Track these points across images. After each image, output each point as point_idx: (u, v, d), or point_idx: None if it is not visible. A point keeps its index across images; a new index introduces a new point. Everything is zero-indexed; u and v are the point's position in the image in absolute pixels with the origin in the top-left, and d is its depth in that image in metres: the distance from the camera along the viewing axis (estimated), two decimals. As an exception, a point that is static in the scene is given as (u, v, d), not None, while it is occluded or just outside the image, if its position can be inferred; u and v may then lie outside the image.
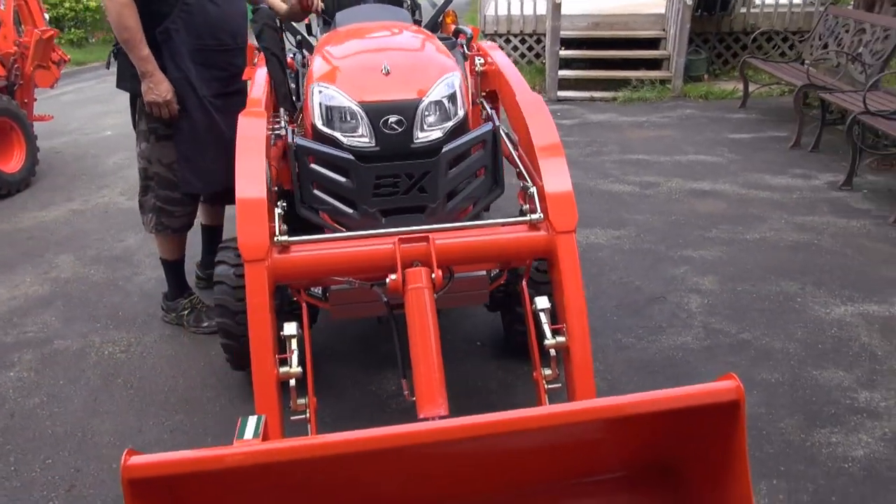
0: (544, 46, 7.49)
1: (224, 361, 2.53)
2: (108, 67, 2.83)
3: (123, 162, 5.42)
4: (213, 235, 3.16)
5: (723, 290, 3.13)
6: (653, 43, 7.57)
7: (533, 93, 2.25)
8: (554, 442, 1.62)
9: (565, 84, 7.16)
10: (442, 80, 2.12)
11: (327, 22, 3.28)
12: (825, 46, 5.85)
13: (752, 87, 6.52)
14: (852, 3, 6.67)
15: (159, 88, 2.51)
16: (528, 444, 1.59)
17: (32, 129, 4.94)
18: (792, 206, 4.07)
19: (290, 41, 3.14)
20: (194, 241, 3.13)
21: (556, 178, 1.95)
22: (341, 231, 2.04)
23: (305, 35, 3.19)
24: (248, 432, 1.52)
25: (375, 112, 2.02)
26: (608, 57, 7.46)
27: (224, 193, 2.72)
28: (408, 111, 2.03)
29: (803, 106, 5.29)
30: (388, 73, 2.11)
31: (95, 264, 3.59)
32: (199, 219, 3.02)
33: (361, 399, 2.44)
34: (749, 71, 6.49)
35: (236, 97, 2.66)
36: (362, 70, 2.18)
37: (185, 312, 2.91)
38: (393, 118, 2.02)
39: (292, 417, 1.87)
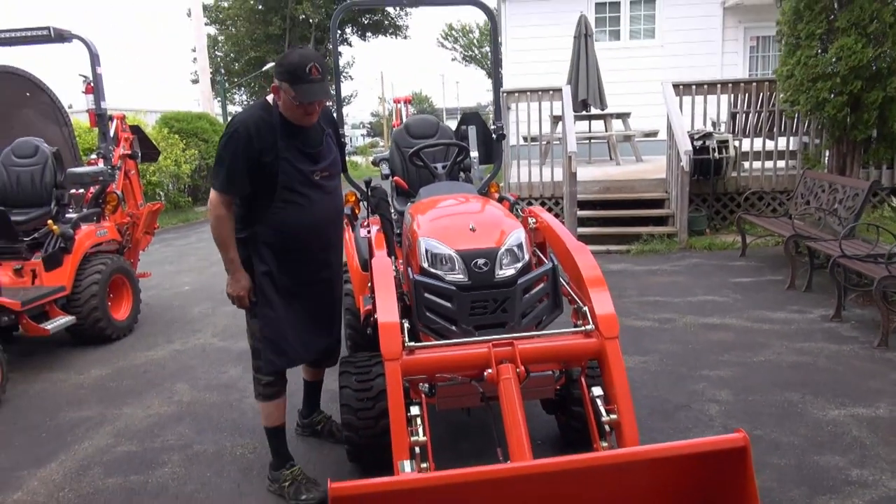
0: (562, 208, 8.56)
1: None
2: None
3: (207, 311, 6.27)
4: (313, 388, 3.51)
5: (737, 399, 3.78)
6: (657, 203, 8.65)
7: (577, 241, 3.09)
8: (594, 489, 2.23)
9: (583, 239, 8.00)
10: (512, 234, 2.96)
11: (402, 193, 4.26)
12: (807, 203, 6.83)
13: (749, 239, 7.45)
14: (826, 166, 7.79)
15: (237, 285, 2.87)
16: (572, 492, 2.19)
17: (138, 285, 5.85)
18: (791, 335, 4.77)
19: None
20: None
21: (602, 300, 2.72)
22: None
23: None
24: (407, 468, 2.21)
25: (468, 257, 2.84)
26: (619, 216, 8.51)
27: (320, 359, 3.23)
28: (490, 255, 2.85)
29: (794, 253, 6.14)
30: (474, 230, 2.96)
31: (208, 390, 4.30)
32: (302, 374, 3.45)
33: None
34: (745, 225, 7.44)
35: (320, 285, 3.05)
36: (456, 228, 3.03)
37: (287, 484, 2.98)
38: (481, 260, 2.84)
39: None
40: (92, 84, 5.56)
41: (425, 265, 2.91)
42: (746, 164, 8.66)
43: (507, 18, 13.13)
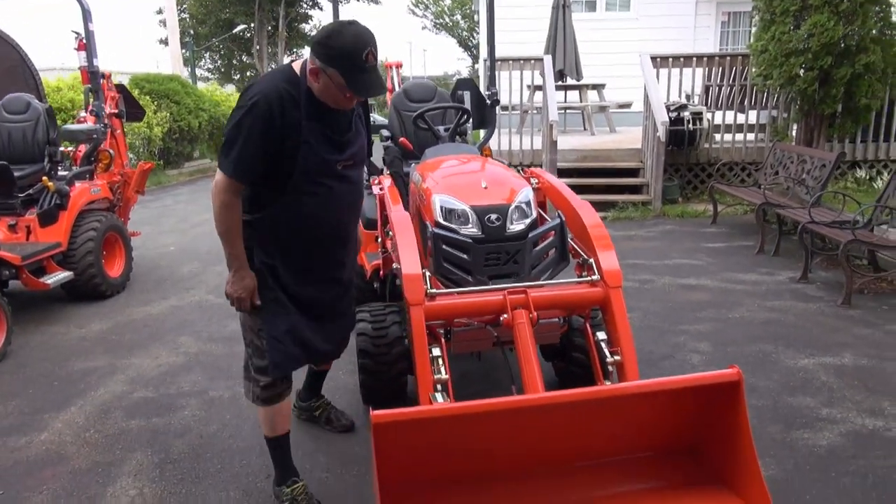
0: (542, 175, 8.77)
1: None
2: None
3: (196, 270, 6.36)
4: (317, 376, 3.24)
5: (716, 350, 4.08)
6: (633, 172, 8.94)
7: (580, 198, 3.31)
8: (601, 420, 2.46)
9: (562, 206, 8.37)
10: (521, 192, 3.16)
11: (405, 155, 4.41)
12: (776, 174, 7.19)
13: (720, 207, 7.80)
14: (794, 139, 8.15)
15: (240, 284, 2.43)
16: (583, 422, 2.43)
17: (130, 243, 5.90)
18: (762, 295, 5.11)
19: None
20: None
21: (606, 251, 2.95)
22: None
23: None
24: (439, 399, 2.42)
25: (481, 212, 3.03)
26: (596, 184, 8.77)
27: (328, 354, 2.83)
28: (502, 211, 3.05)
29: (763, 220, 6.49)
30: (486, 188, 3.15)
31: (213, 342, 4.44)
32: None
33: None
34: (717, 194, 7.78)
35: (332, 285, 2.67)
36: (468, 185, 3.21)
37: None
38: (493, 215, 3.03)
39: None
40: (84, 41, 5.53)
41: (440, 219, 3.09)
42: (718, 136, 8.99)
43: (485, -14, 13.14)
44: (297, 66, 2.38)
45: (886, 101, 8.12)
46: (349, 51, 2.20)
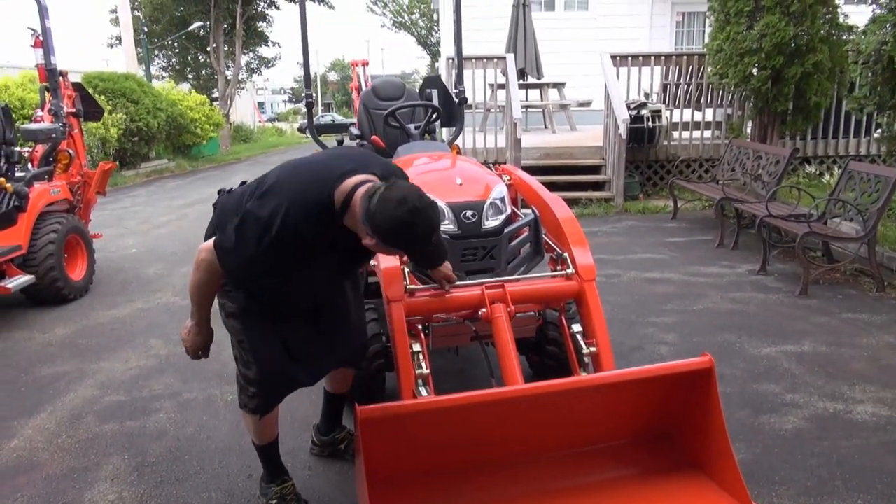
0: (506, 173, 8.86)
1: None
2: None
3: (161, 272, 6.26)
4: (335, 401, 2.96)
5: (683, 341, 4.21)
6: (595, 169, 9.10)
7: (551, 193, 3.38)
8: (580, 409, 2.53)
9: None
10: (496, 188, 3.22)
11: (378, 153, 4.41)
12: (733, 170, 7.41)
13: (680, 203, 8.00)
14: (749, 136, 8.41)
15: (195, 339, 2.42)
16: (563, 412, 2.50)
17: (92, 245, 5.78)
18: (724, 287, 5.27)
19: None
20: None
21: (580, 245, 3.02)
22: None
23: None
24: (423, 393, 2.46)
25: (457, 208, 3.07)
26: (560, 181, 8.89)
27: (348, 360, 2.68)
28: (478, 207, 3.10)
29: (722, 215, 6.69)
30: (461, 184, 3.19)
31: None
32: (323, 384, 2.89)
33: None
34: (677, 190, 7.97)
35: (302, 317, 2.43)
36: (443, 182, 3.25)
37: (274, 502, 2.58)
38: (469, 212, 3.08)
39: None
40: (41, 38, 5.38)
41: (416, 216, 3.13)
42: (676, 134, 9.21)
43: (446, -15, 13.21)
44: (338, 198, 2.03)
45: (835, 99, 8.44)
46: (416, 244, 2.04)
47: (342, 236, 2.10)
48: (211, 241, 2.18)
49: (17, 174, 5.34)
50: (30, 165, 5.61)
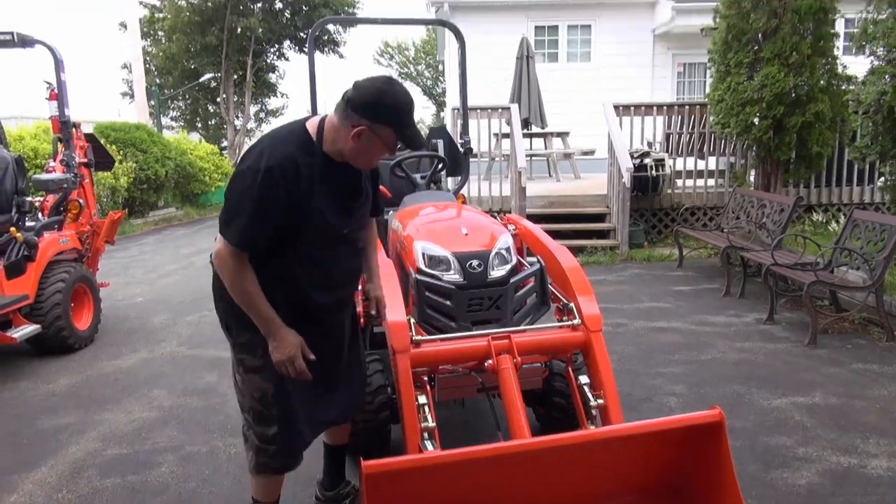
0: (511, 221, 8.91)
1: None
2: None
3: (167, 321, 6.25)
4: (336, 454, 2.95)
5: (691, 392, 4.15)
6: (599, 217, 9.14)
7: (557, 242, 3.39)
8: (589, 464, 2.49)
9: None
10: (501, 238, 3.23)
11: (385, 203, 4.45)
12: (737, 218, 7.43)
13: (685, 251, 8.00)
14: (753, 184, 8.46)
15: (284, 345, 2.24)
16: (571, 466, 2.45)
17: (99, 294, 5.79)
18: (731, 336, 5.23)
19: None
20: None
21: (586, 295, 3.02)
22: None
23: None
24: (429, 447, 2.42)
25: (463, 258, 3.08)
26: (564, 229, 8.94)
27: (344, 414, 2.64)
28: (483, 257, 3.10)
29: (728, 263, 6.68)
30: (466, 234, 3.21)
31: (188, 395, 4.35)
32: (322, 437, 2.86)
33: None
34: (682, 238, 7.99)
35: (326, 340, 2.47)
36: (449, 232, 3.27)
37: None
38: (475, 262, 3.08)
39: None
40: (56, 91, 5.51)
41: (422, 266, 3.13)
42: (680, 182, 9.28)
43: (451, 38, 13.51)
44: (311, 128, 2.24)
45: (837, 148, 8.52)
46: (402, 108, 2.16)
47: (330, 174, 2.22)
48: (219, 239, 2.19)
49: (28, 223, 5.39)
50: (40, 215, 5.68)
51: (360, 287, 2.79)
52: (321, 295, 2.37)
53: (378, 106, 2.12)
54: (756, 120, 7.52)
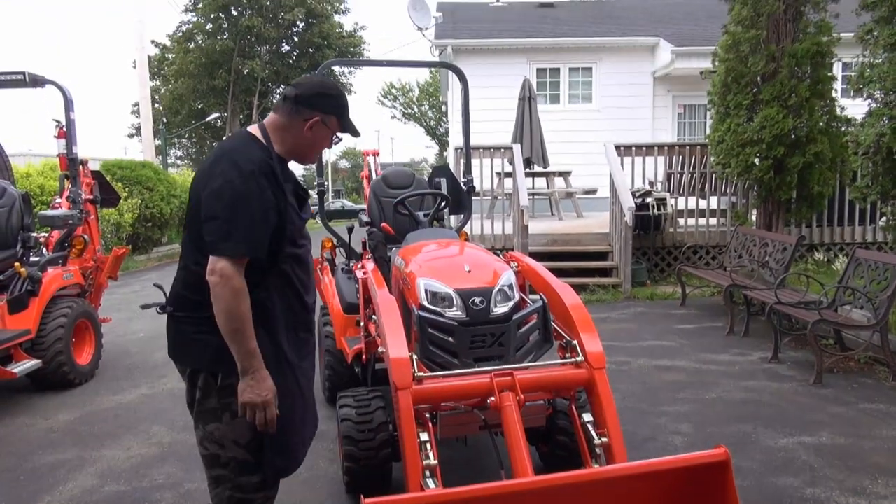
0: (514, 259, 8.93)
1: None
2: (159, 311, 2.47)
3: (168, 358, 6.21)
4: None
5: (697, 431, 4.11)
6: (602, 255, 9.16)
7: (559, 280, 3.39)
8: (593, 503, 2.45)
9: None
10: (504, 275, 3.24)
11: (387, 240, 4.47)
12: (740, 256, 7.44)
13: (687, 289, 7.99)
14: (755, 223, 8.49)
15: (261, 387, 2.11)
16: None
17: (101, 329, 5.79)
18: (736, 375, 5.19)
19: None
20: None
21: (589, 332, 3.01)
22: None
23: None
24: (431, 485, 2.39)
25: (465, 295, 3.08)
26: (567, 267, 8.95)
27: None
28: (486, 294, 3.11)
29: (731, 302, 6.66)
30: (469, 271, 3.22)
31: (187, 431, 4.30)
32: None
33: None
34: (684, 276, 7.98)
35: (309, 358, 2.48)
36: (452, 269, 3.28)
37: None
38: (477, 298, 3.08)
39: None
40: (64, 129, 5.60)
41: (425, 302, 3.13)
42: (682, 221, 9.31)
43: (454, 79, 13.74)
44: (256, 132, 2.28)
45: (838, 188, 8.57)
46: (344, 99, 2.34)
47: (286, 174, 2.29)
48: (216, 260, 2.08)
49: (32, 259, 5.43)
50: (45, 250, 5.71)
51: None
52: (308, 294, 2.40)
53: (325, 97, 2.30)
54: (756, 160, 7.59)
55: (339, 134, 2.40)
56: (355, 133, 2.42)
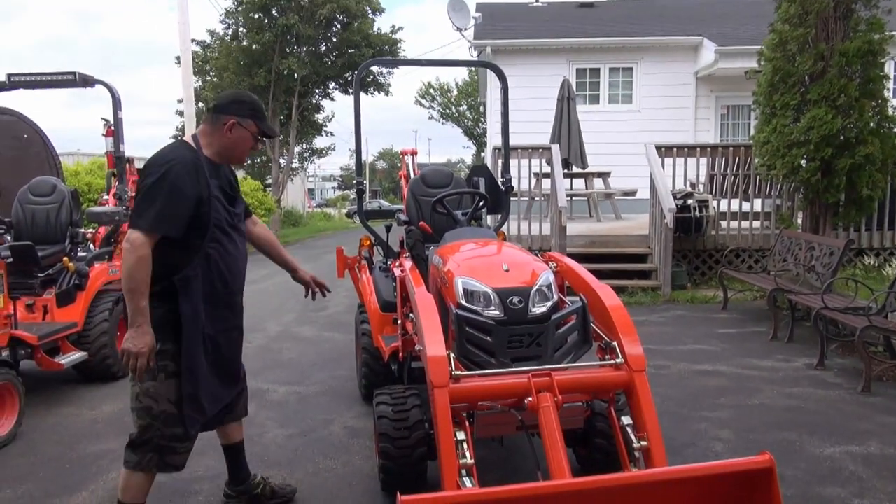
0: (551, 260, 8.87)
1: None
2: None
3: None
4: (235, 452, 3.26)
5: (738, 438, 4.01)
6: (641, 258, 9.03)
7: (599, 281, 3.35)
8: None
9: (572, 291, 8.42)
10: (542, 275, 3.20)
11: (425, 239, 4.47)
12: (784, 260, 7.25)
13: (729, 293, 7.82)
14: (801, 227, 8.27)
15: (141, 340, 2.54)
16: None
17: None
18: (779, 382, 5.06)
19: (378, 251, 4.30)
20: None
21: (629, 334, 2.96)
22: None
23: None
24: (468, 484, 2.38)
25: (504, 294, 3.06)
26: (605, 269, 8.84)
27: (226, 412, 3.05)
28: (524, 293, 3.08)
29: (775, 307, 6.50)
30: (507, 270, 3.20)
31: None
32: (220, 441, 3.27)
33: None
34: (726, 280, 7.82)
35: (235, 332, 2.97)
36: (490, 268, 3.26)
37: None
38: (515, 298, 3.06)
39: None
40: (112, 128, 5.74)
41: (462, 301, 3.12)
42: (724, 223, 9.13)
43: (493, 79, 13.70)
44: (189, 140, 2.83)
45: (889, 190, 8.30)
46: (257, 103, 2.89)
47: (215, 173, 2.79)
48: (130, 232, 2.56)
49: (80, 254, 5.58)
50: (92, 246, 5.87)
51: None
52: (233, 277, 2.86)
53: (239, 103, 2.83)
54: (803, 162, 7.39)
55: (260, 136, 2.88)
56: (273, 133, 3.02)
